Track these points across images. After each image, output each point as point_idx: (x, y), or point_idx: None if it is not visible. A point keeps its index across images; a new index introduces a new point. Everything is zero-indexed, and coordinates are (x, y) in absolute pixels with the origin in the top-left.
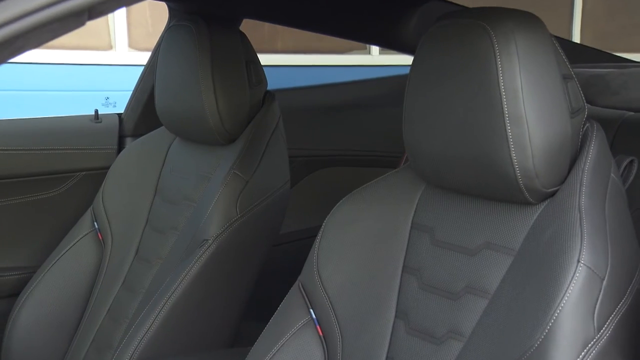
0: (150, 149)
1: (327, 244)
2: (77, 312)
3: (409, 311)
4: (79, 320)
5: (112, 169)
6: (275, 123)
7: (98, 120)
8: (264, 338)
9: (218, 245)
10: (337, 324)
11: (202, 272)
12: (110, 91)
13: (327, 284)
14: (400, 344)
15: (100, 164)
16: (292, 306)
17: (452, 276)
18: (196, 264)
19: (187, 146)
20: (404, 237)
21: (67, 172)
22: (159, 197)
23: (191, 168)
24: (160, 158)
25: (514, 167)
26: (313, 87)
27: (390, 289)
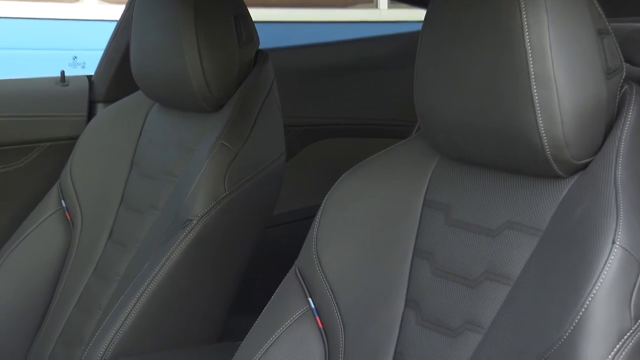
0: (125, 117)
1: (327, 224)
2: (42, 303)
3: (421, 300)
4: (45, 312)
5: (81, 139)
6: (269, 87)
7: (64, 83)
8: (256, 331)
9: (203, 227)
10: (339, 315)
11: (185, 257)
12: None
13: (328, 270)
14: (410, 336)
15: (67, 134)
16: (288, 295)
17: (469, 260)
18: (178, 247)
19: (168, 113)
20: (415, 217)
21: (29, 142)
22: (136, 171)
23: (172, 138)
24: (136, 127)
25: (540, 136)
26: (312, 46)
27: (400, 275)
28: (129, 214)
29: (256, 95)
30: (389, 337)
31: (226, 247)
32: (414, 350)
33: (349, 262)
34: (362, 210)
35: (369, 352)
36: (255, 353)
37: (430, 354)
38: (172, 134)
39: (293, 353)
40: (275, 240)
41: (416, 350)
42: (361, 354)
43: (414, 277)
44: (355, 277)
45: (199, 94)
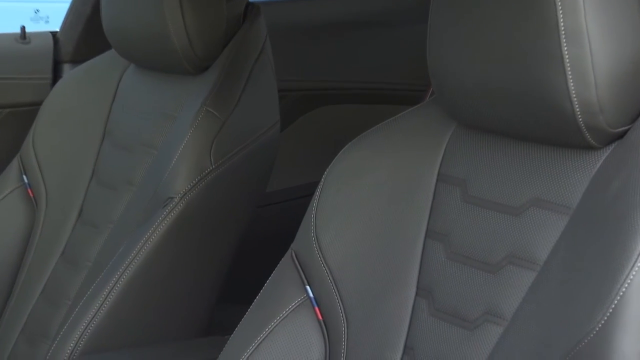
0: (96, 79)
1: (328, 203)
2: (1, 293)
3: (434, 288)
4: (4, 304)
5: (46, 105)
6: (261, 46)
7: (25, 41)
8: (247, 323)
9: (186, 205)
10: (341, 305)
11: (166, 240)
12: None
13: (328, 254)
14: (422, 329)
15: (29, 99)
16: (283, 282)
17: (489, 242)
18: (158, 229)
19: (145, 76)
20: (428, 193)
21: None
22: (109, 142)
23: (151, 104)
24: (109, 91)
25: (571, 100)
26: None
27: (410, 259)
28: (101, 190)
29: (246, 55)
30: (398, 330)
31: (213, 229)
32: (427, 345)
33: (352, 245)
34: (368, 187)
35: (375, 347)
36: (246, 348)
37: (444, 348)
38: (150, 100)
39: (289, 348)
40: (268, 220)
41: (429, 345)
42: (366, 349)
43: (427, 262)
44: (359, 262)
45: (181, 52)
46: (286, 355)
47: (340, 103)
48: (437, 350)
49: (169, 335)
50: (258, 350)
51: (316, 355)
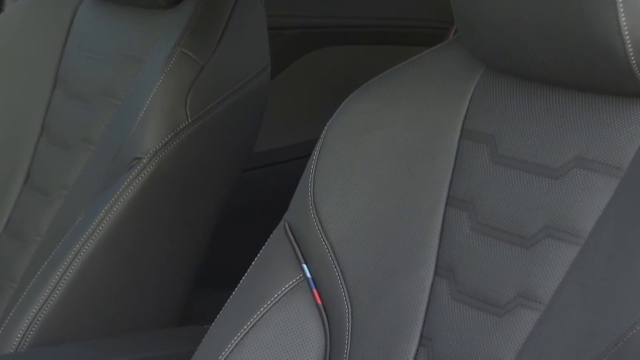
0: (44, 14)
1: (328, 165)
2: None
3: (457, 266)
4: None
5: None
6: None
7: None
8: (231, 311)
9: (157, 168)
10: (344, 287)
11: (132, 209)
12: None
13: (329, 226)
14: (442, 315)
15: None
16: (275, 261)
17: (523, 211)
18: (122, 197)
19: (106, 10)
20: (449, 153)
21: None
22: (61, 91)
23: (112, 45)
24: (61, 29)
25: (623, 38)
26: None
27: (428, 232)
28: (53, 150)
29: None
30: (412, 317)
31: (189, 197)
32: (447, 334)
33: (358, 215)
34: (377, 145)
35: (385, 337)
36: (230, 339)
37: (468, 338)
38: (112, 39)
39: (281, 338)
40: (256, 187)
41: (450, 334)
42: (375, 339)
43: (448, 236)
44: (366, 235)
45: None
46: (278, 346)
47: (344, 43)
48: (459, 341)
49: (137, 325)
50: (244, 341)
51: (314, 346)
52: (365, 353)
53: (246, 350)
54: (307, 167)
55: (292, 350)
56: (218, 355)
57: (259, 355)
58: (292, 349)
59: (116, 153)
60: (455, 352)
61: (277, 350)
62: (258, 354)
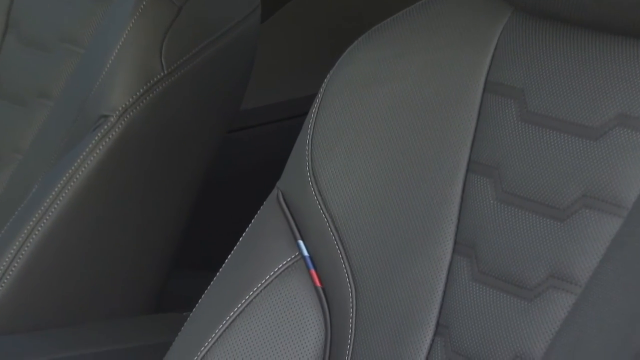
0: None
1: (329, 124)
2: None
3: (479, 242)
4: None
5: None
6: None
7: None
8: (215, 296)
9: (127, 128)
10: (347, 267)
11: (97, 177)
12: None
13: (330, 196)
14: (461, 299)
15: None
16: (266, 237)
17: (557, 177)
18: (87, 162)
19: None
20: (471, 109)
21: None
22: (14, 36)
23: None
24: None
25: None
26: None
27: (445, 203)
28: (3, 107)
29: None
30: (427, 302)
31: (165, 162)
32: (468, 321)
33: (363, 183)
34: (385, 101)
35: (396, 325)
36: (214, 328)
37: (492, 326)
38: None
39: (273, 326)
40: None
41: (470, 321)
42: (383, 328)
43: (469, 207)
44: (373, 207)
45: None
46: (269, 336)
47: None
48: (481, 329)
49: (105, 313)
50: (230, 331)
51: (312, 335)
52: (371, 343)
53: (232, 341)
54: (304, 127)
55: (286, 341)
56: (200, 346)
57: (247, 347)
58: (286, 338)
59: (79, 110)
60: (476, 342)
61: (268, 340)
62: (246, 345)
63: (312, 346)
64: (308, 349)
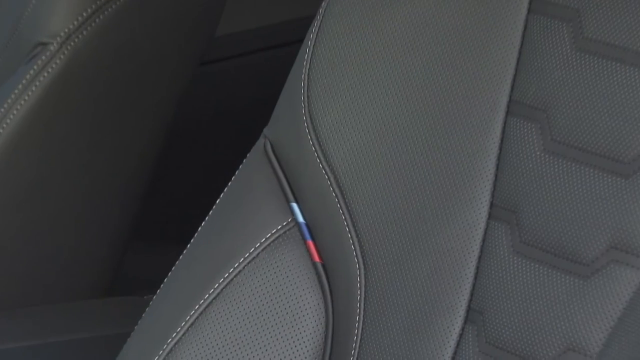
0: None
1: (330, 56)
2: None
3: (522, 205)
4: None
5: None
6: None
7: None
8: (186, 272)
9: (72, 59)
10: (353, 237)
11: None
12: None
13: (332, 147)
14: (499, 277)
15: None
16: (250, 198)
17: (620, 123)
18: (21, 101)
19: None
20: (512, 37)
21: None
22: None
23: None
24: None
25: None
26: None
27: (478, 153)
28: None
29: None
30: (456, 281)
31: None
32: (507, 305)
33: (375, 130)
34: (404, 25)
35: (416, 310)
36: (183, 314)
37: (538, 310)
38: None
39: (259, 311)
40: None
41: (510, 305)
42: (400, 314)
43: (508, 158)
44: (387, 160)
45: None
46: (255, 324)
47: None
48: (524, 314)
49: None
50: (204, 318)
51: (310, 323)
52: (384, 333)
53: (207, 331)
54: (298, 58)
55: (276, 330)
56: (165, 338)
57: (226, 338)
58: (276, 327)
59: (9, 37)
60: (517, 332)
61: (252, 329)
62: (224, 336)
63: (308, 337)
64: (304, 340)
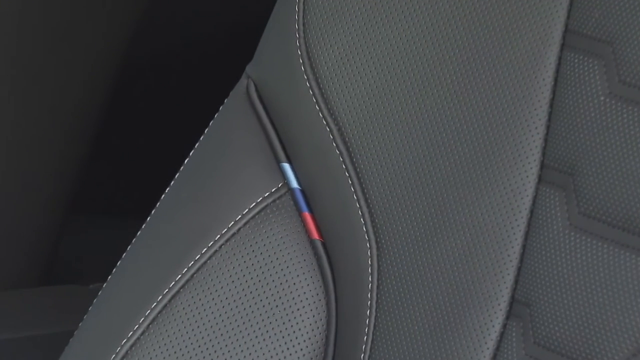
0: None
1: None
2: None
3: (581, 164)
4: None
5: None
6: None
7: None
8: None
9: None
10: (363, 209)
11: None
12: None
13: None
14: (551, 258)
15: None
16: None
17: None
18: None
19: None
20: None
21: None
22: None
23: None
24: None
25: None
26: None
27: (525, 97)
28: None
29: None
30: (496, 263)
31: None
32: (562, 293)
33: (393, 65)
34: None
35: (443, 302)
36: (142, 309)
37: (602, 300)
38: None
39: (239, 306)
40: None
41: (567, 293)
42: (423, 307)
43: (565, 102)
44: (408, 104)
45: None
46: (234, 320)
47: None
48: (584, 307)
49: None
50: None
51: (306, 317)
52: (403, 332)
53: (172, 328)
54: None
55: (261, 328)
56: (119, 338)
57: (197, 338)
58: (262, 324)
59: None
60: (575, 329)
61: (231, 328)
62: (195, 335)
63: (304, 337)
64: (298, 341)
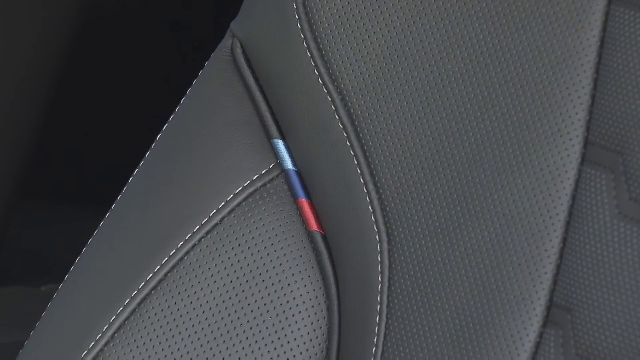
0: None
1: None
2: None
3: (632, 141)
4: None
5: None
6: None
7: None
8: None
9: None
10: (372, 195)
11: None
12: None
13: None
14: (598, 252)
15: None
16: (210, 129)
17: None
18: None
19: None
20: None
21: None
22: None
23: None
24: None
25: None
26: None
27: (566, 60)
28: None
29: None
30: (531, 259)
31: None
32: (610, 295)
33: (407, 24)
34: None
35: (468, 307)
36: (106, 314)
37: None
38: None
39: (222, 309)
40: None
41: (615, 296)
42: (444, 313)
43: (613, 64)
44: (424, 68)
45: None
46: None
47: None
48: (635, 311)
49: None
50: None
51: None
52: (420, 341)
53: (142, 336)
54: None
55: (249, 335)
56: (80, 349)
57: (172, 348)
58: (249, 331)
59: None
60: (625, 338)
61: (213, 335)
62: (169, 344)
63: (302, 345)
64: (294, 350)
